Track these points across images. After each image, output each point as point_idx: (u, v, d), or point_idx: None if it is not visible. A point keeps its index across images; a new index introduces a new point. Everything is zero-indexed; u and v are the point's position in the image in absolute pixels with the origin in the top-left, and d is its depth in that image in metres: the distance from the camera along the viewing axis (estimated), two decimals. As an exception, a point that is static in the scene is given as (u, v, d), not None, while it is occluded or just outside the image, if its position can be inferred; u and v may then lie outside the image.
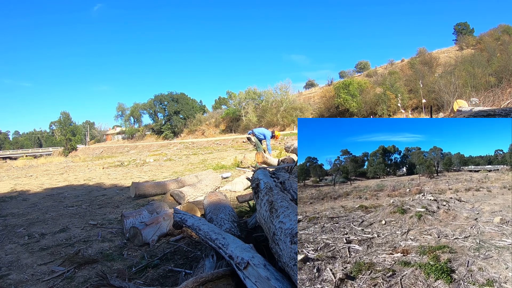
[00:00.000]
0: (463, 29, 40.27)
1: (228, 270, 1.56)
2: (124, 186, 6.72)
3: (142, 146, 39.02)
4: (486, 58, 26.91)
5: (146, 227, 2.97)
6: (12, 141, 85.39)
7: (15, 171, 13.79)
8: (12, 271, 2.43)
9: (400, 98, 25.05)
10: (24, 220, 4.05)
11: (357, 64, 45.31)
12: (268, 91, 36.51)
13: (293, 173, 2.66)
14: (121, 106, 56.10)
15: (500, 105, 11.43)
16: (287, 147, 9.87)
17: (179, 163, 12.15)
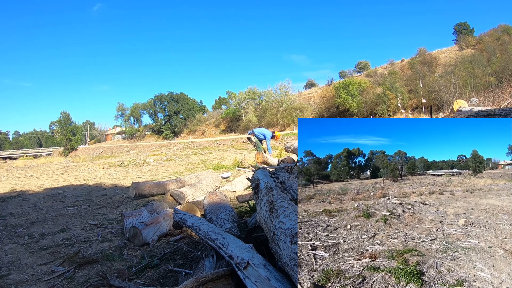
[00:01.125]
0: (463, 29, 40.26)
1: (228, 270, 1.56)
2: (124, 186, 6.72)
3: (142, 146, 39.02)
4: (486, 58, 26.92)
5: (146, 227, 2.97)
6: (12, 141, 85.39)
7: (15, 171, 13.79)
8: (12, 271, 2.43)
9: (400, 98, 25.06)
10: (24, 220, 4.05)
11: (357, 64, 45.33)
12: (268, 91, 36.54)
13: (293, 173, 2.66)
14: (121, 106, 56.12)
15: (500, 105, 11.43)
16: (287, 147, 9.87)
17: (179, 163, 12.15)
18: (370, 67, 42.81)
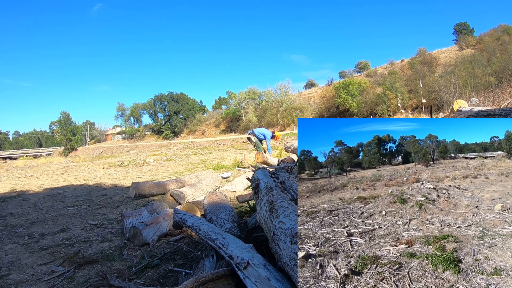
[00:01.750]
0: (463, 29, 40.26)
1: (228, 270, 1.56)
2: (124, 186, 6.72)
3: (142, 146, 39.02)
4: (486, 58, 26.92)
5: (146, 227, 2.97)
6: (12, 141, 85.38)
7: (15, 171, 13.79)
8: (12, 271, 2.43)
9: (400, 98, 25.06)
10: (24, 220, 4.05)
11: (357, 64, 45.33)
12: (268, 91, 36.54)
13: (293, 173, 2.66)
14: (121, 106, 56.13)
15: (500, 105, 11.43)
16: (287, 147, 9.87)
17: (179, 163, 12.15)
18: (370, 67, 42.81)
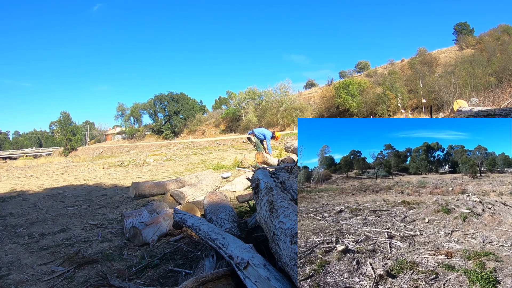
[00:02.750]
0: (463, 29, 40.27)
1: (228, 270, 1.56)
2: (124, 186, 6.72)
3: (142, 146, 39.02)
4: (486, 58, 26.93)
5: (146, 227, 2.97)
6: (12, 141, 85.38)
7: (15, 171, 13.79)
8: (12, 271, 2.43)
9: (400, 98, 25.07)
10: (24, 220, 4.05)
11: (357, 64, 45.34)
12: (268, 91, 36.54)
13: (293, 173, 2.66)
14: (121, 106, 56.12)
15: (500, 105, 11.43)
16: (287, 147, 9.87)
17: (179, 163, 12.15)
18: (370, 67, 42.82)
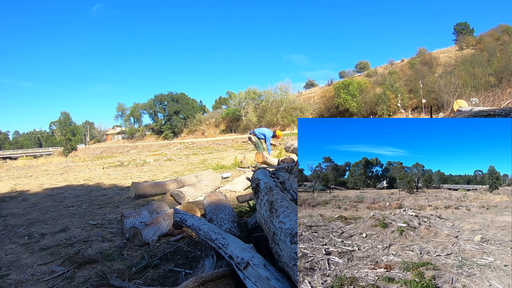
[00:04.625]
0: (463, 29, 40.27)
1: (228, 270, 1.57)
2: (124, 186, 6.72)
3: (142, 146, 39.02)
4: (486, 58, 26.93)
5: (146, 227, 2.97)
6: (12, 141, 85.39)
7: (15, 171, 13.79)
8: (12, 271, 2.43)
9: (400, 98, 25.08)
10: (24, 220, 4.05)
11: (357, 64, 45.34)
12: (268, 91, 36.52)
13: (293, 173, 2.66)
14: (121, 106, 56.14)
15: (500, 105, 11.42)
16: (287, 147, 9.87)
17: (179, 163, 12.15)
18: (370, 67, 42.81)
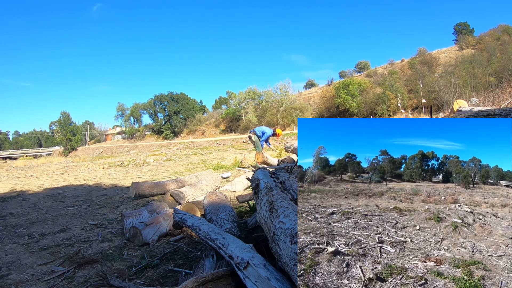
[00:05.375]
0: (463, 29, 40.28)
1: (228, 270, 1.56)
2: (124, 186, 6.72)
3: (142, 146, 39.01)
4: (486, 58, 26.93)
5: (146, 227, 2.97)
6: (12, 141, 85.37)
7: (15, 171, 13.79)
8: (12, 271, 2.43)
9: (400, 98, 25.08)
10: (24, 220, 4.05)
11: (357, 64, 45.36)
12: (268, 91, 36.52)
13: (293, 173, 2.66)
14: (121, 106, 56.14)
15: (500, 105, 11.42)
16: (287, 147, 9.87)
17: (179, 163, 12.15)
18: (370, 67, 42.83)
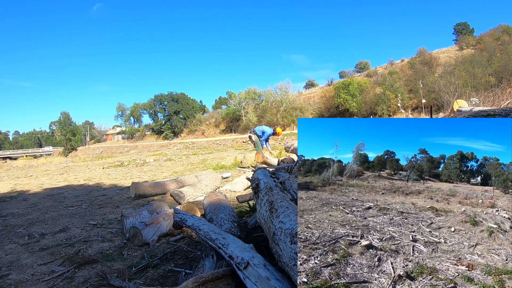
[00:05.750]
0: (463, 29, 40.29)
1: (228, 270, 1.56)
2: (124, 186, 6.72)
3: (142, 146, 39.01)
4: (486, 58, 26.92)
5: (146, 227, 2.97)
6: (12, 141, 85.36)
7: (15, 171, 13.79)
8: (12, 271, 2.43)
9: (400, 98, 25.07)
10: (24, 220, 4.05)
11: (357, 64, 45.36)
12: (268, 91, 36.50)
13: (293, 173, 2.66)
14: (121, 106, 56.15)
15: (500, 105, 11.42)
16: (287, 147, 9.87)
17: (179, 163, 12.14)
18: (370, 67, 42.82)
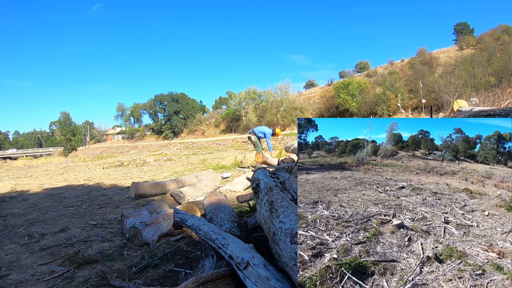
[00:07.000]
0: (463, 29, 40.29)
1: (228, 270, 1.56)
2: (124, 186, 6.72)
3: (142, 146, 39.00)
4: (486, 58, 26.91)
5: (146, 227, 2.97)
6: (12, 141, 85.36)
7: (15, 171, 13.79)
8: (12, 271, 2.43)
9: (400, 98, 25.05)
10: (24, 220, 4.05)
11: (357, 64, 45.35)
12: (268, 91, 36.49)
13: (293, 173, 2.66)
14: (121, 106, 56.17)
15: (500, 105, 11.41)
16: (287, 147, 9.88)
17: (179, 163, 12.14)
18: (370, 67, 42.81)
